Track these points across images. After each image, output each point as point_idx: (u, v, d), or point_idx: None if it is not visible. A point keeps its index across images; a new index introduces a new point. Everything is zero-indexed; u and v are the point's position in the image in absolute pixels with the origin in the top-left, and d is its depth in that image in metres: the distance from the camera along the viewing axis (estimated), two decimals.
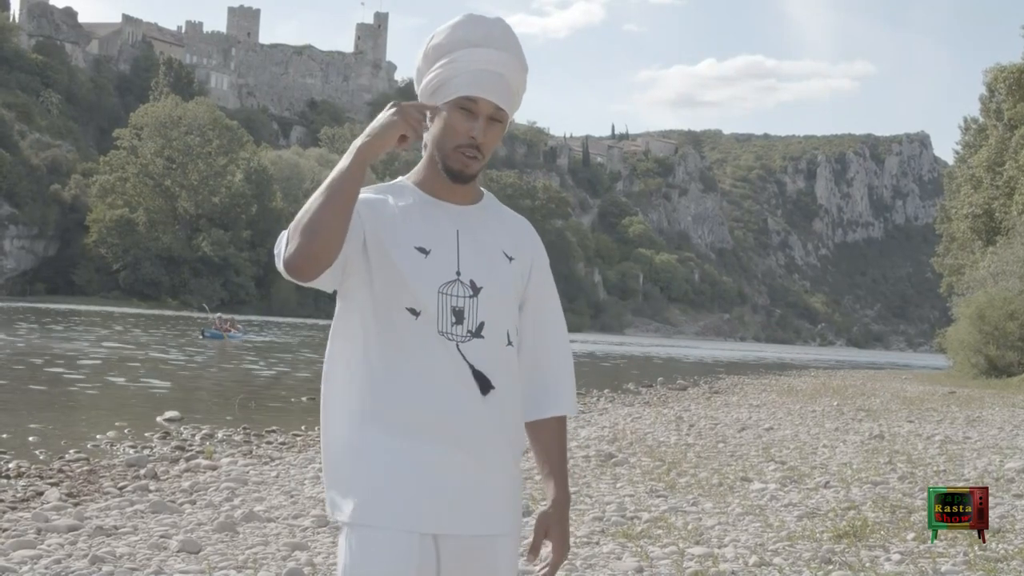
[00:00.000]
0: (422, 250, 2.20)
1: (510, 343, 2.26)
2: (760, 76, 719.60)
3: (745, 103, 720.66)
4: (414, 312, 2.18)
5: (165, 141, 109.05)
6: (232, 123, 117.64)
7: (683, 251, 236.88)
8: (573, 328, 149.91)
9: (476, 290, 2.21)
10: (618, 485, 8.79)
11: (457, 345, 2.19)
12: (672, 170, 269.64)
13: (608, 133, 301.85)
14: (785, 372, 46.75)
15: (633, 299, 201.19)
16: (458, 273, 2.21)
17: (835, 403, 21.37)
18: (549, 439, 2.35)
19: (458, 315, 2.19)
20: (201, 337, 41.46)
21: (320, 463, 9.91)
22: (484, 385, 2.19)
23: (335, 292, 2.27)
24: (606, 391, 24.42)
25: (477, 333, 2.20)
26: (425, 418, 2.17)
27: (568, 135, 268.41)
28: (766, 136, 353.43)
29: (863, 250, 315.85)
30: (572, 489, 8.43)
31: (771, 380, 35.71)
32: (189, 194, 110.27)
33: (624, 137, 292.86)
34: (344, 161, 2.12)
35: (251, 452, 11.14)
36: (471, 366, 2.19)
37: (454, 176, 2.24)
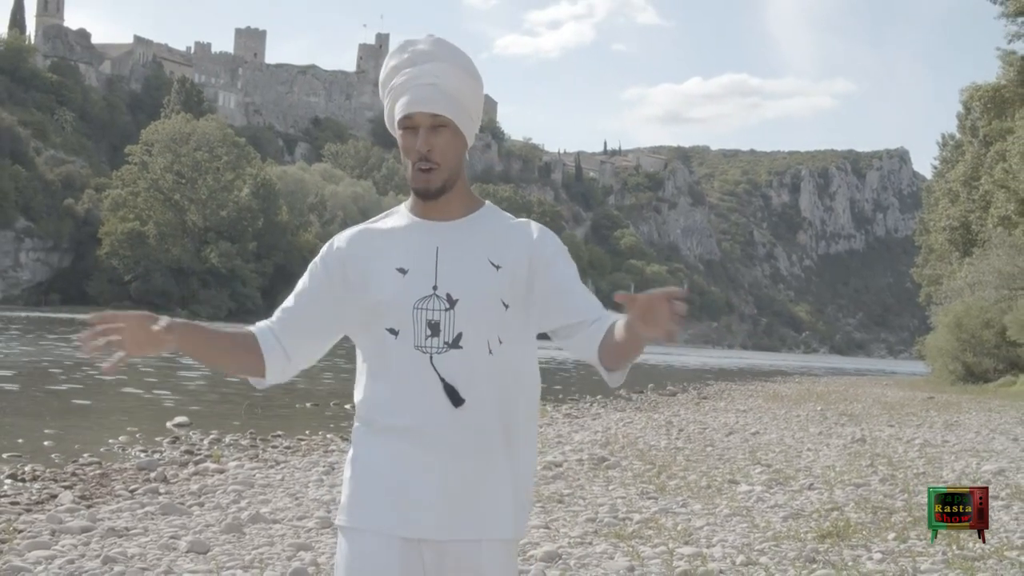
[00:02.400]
0: (402, 270, 2.24)
1: (491, 352, 2.22)
2: (744, 94, 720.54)
3: (731, 120, 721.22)
4: (393, 332, 2.23)
5: (175, 157, 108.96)
6: (240, 139, 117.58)
7: (673, 262, 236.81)
8: None
9: (452, 303, 2.21)
10: (610, 487, 8.77)
11: (431, 357, 2.20)
12: (662, 184, 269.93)
13: (600, 149, 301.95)
14: (771, 379, 46.74)
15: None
16: (435, 288, 2.22)
17: (819, 408, 21.36)
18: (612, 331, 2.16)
19: (434, 328, 2.20)
20: None
21: (323, 466, 9.91)
22: (455, 398, 2.19)
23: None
24: (599, 397, 24.38)
25: (454, 344, 2.20)
26: (402, 428, 2.21)
27: (562, 151, 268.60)
28: (752, 152, 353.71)
29: (845, 261, 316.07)
30: (565, 491, 8.41)
31: (757, 386, 35.69)
32: (198, 208, 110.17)
33: (616, 153, 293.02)
34: None
35: (257, 456, 11.12)
36: (442, 379, 2.19)
37: (420, 194, 2.26)
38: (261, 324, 2.33)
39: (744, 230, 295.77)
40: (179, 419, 14.36)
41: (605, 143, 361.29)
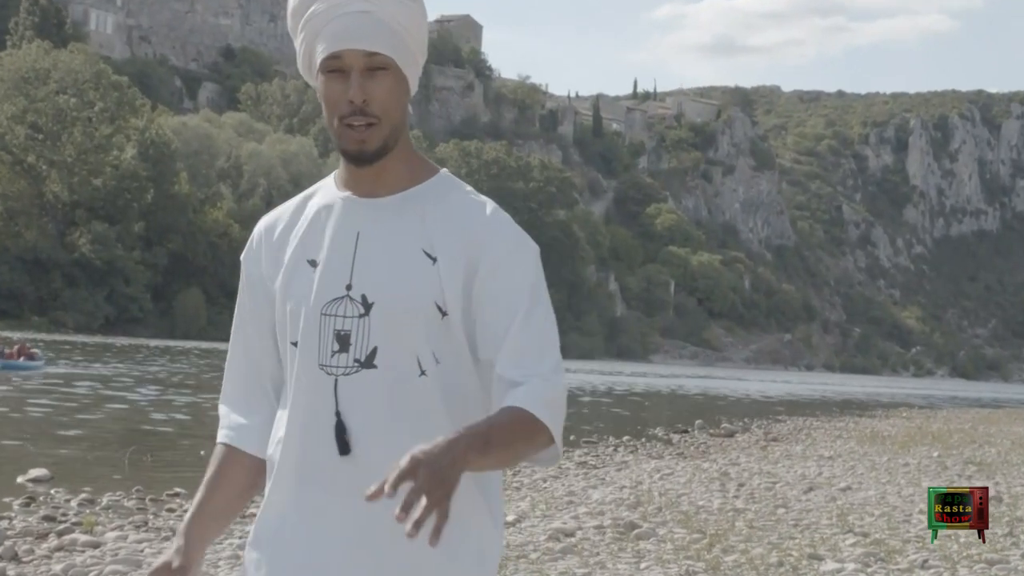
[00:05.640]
0: (312, 263, 2.30)
1: (424, 372, 2.23)
2: (825, 12, 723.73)
3: (807, 49, 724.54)
4: (295, 344, 2.29)
5: (28, 103, 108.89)
6: (120, 79, 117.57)
7: (729, 250, 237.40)
8: (582, 354, 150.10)
9: (367, 307, 2.24)
10: (643, 565, 8.80)
11: (336, 381, 2.24)
12: (713, 140, 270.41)
13: (628, 91, 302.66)
14: (867, 412, 46.84)
15: (662, 314, 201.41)
16: (348, 287, 2.26)
17: (935, 454, 21.43)
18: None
19: (343, 341, 2.24)
20: None
21: (239, 537, 9.93)
22: (342, 444, 2.22)
23: None
24: (625, 439, 24.41)
25: (367, 363, 2.23)
26: (301, 476, 2.27)
27: (573, 94, 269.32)
28: (840, 94, 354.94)
29: (973, 248, 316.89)
30: (579, 570, 8.43)
31: (848, 423, 35.79)
32: (61, 175, 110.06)
33: (649, 97, 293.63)
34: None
35: (146, 524, 11.11)
36: (337, 412, 2.23)
37: (353, 158, 2.28)
38: (224, 423, 2.44)
39: (830, 204, 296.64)
40: (36, 472, 14.32)
41: (635, 83, 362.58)
